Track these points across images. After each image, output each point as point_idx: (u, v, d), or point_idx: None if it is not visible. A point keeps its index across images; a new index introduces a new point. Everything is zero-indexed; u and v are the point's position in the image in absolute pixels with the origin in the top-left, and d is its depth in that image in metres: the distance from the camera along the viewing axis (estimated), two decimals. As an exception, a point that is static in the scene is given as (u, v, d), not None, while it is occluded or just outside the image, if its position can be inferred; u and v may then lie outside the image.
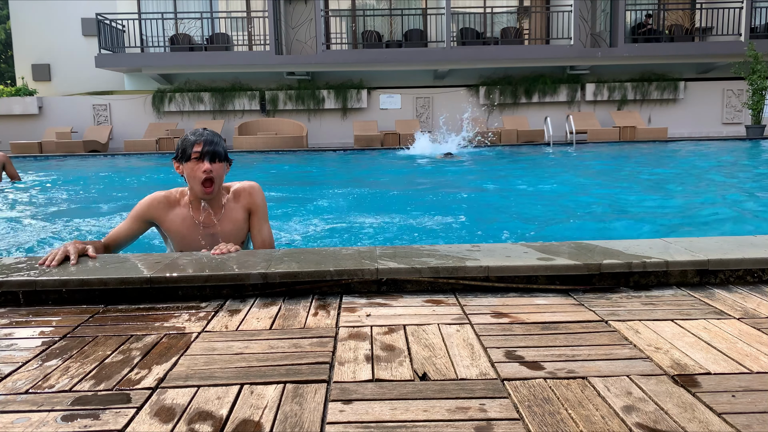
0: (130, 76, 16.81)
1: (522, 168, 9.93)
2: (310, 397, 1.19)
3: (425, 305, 1.78)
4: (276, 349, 1.45)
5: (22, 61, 17.68)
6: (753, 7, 16.00)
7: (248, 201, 2.51)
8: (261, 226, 2.52)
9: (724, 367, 1.31)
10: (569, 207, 5.74)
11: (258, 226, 2.52)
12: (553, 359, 1.36)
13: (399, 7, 16.97)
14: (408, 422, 1.09)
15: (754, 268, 1.96)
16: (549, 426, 1.06)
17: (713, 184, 7.21)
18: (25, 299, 1.87)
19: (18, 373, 1.34)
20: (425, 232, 4.39)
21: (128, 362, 1.39)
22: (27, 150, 14.12)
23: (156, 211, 2.46)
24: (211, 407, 1.16)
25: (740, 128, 15.92)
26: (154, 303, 1.84)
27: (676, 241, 2.18)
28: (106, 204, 6.30)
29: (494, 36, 16.71)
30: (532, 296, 1.85)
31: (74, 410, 1.16)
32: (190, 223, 2.45)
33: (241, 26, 16.39)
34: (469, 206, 5.84)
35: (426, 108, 16.31)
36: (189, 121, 16.04)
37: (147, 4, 16.29)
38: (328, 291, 1.92)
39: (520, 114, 16.25)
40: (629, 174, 8.51)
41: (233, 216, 2.48)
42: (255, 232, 2.53)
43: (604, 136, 14.58)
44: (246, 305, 1.80)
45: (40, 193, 7.14)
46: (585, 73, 16.61)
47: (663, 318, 1.63)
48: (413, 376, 1.28)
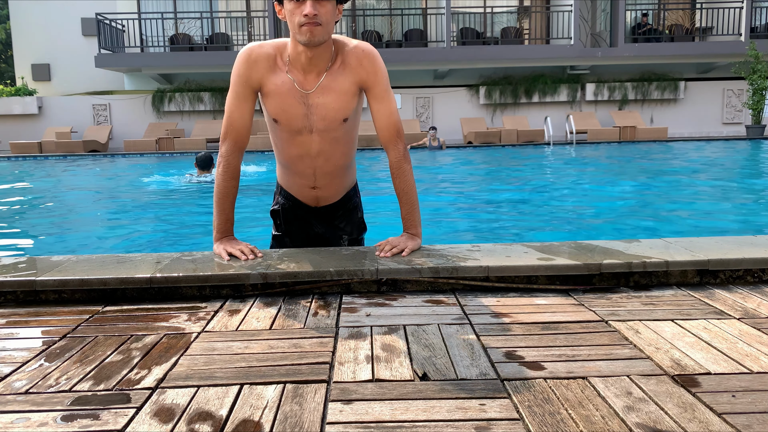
0: (130, 76, 16.82)
1: (522, 168, 9.93)
2: (310, 397, 1.19)
3: (425, 305, 1.78)
4: (276, 349, 1.45)
5: (22, 61, 17.68)
6: (753, 7, 16.00)
7: (360, 72, 2.01)
8: (382, 105, 2.05)
9: (724, 367, 1.31)
10: (569, 207, 5.74)
11: (377, 105, 2.05)
12: (553, 359, 1.36)
13: (399, 6, 16.97)
14: (408, 422, 1.09)
15: (754, 268, 1.95)
16: (549, 426, 1.06)
17: (713, 183, 7.21)
18: (25, 299, 1.87)
19: (18, 373, 1.34)
20: (426, 231, 4.39)
21: (128, 362, 1.39)
22: (27, 150, 14.13)
23: (257, 73, 2.00)
24: (211, 407, 1.16)
25: (740, 128, 15.93)
26: (154, 303, 1.84)
27: (676, 241, 2.18)
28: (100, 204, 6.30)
29: (494, 36, 16.72)
30: (532, 296, 1.85)
31: (74, 410, 1.16)
32: (290, 87, 2.01)
33: (241, 26, 16.40)
34: (468, 206, 5.84)
35: (426, 108, 16.31)
36: (189, 121, 16.05)
37: (147, 4, 16.29)
38: (328, 291, 1.92)
39: (520, 114, 16.26)
40: (629, 174, 8.51)
41: (338, 86, 2.01)
42: (376, 112, 2.06)
43: (604, 136, 14.58)
44: (246, 305, 1.80)
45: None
46: (585, 73, 16.61)
47: (663, 318, 1.63)
48: (413, 376, 1.28)
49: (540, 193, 6.82)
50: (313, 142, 2.10)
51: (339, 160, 2.19)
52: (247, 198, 6.39)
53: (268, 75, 2.01)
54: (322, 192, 2.24)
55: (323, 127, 2.07)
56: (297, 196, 2.30)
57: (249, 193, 6.56)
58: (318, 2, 1.84)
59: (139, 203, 6.66)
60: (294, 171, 2.21)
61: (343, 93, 2.02)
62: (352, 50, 2.01)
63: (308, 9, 1.82)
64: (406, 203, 2.14)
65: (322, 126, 2.06)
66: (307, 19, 1.83)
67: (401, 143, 2.11)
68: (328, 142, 2.11)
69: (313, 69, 1.99)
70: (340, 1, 1.93)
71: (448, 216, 5.19)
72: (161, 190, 7.46)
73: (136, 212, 6.01)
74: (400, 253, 2.06)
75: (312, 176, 2.18)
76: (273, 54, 2.01)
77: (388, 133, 2.08)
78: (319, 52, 1.95)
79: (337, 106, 2.03)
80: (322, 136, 2.09)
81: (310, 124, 2.06)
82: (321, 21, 1.85)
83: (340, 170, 2.23)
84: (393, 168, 2.12)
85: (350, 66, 2.01)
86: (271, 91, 2.03)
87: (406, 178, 2.12)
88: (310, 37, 1.86)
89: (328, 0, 1.86)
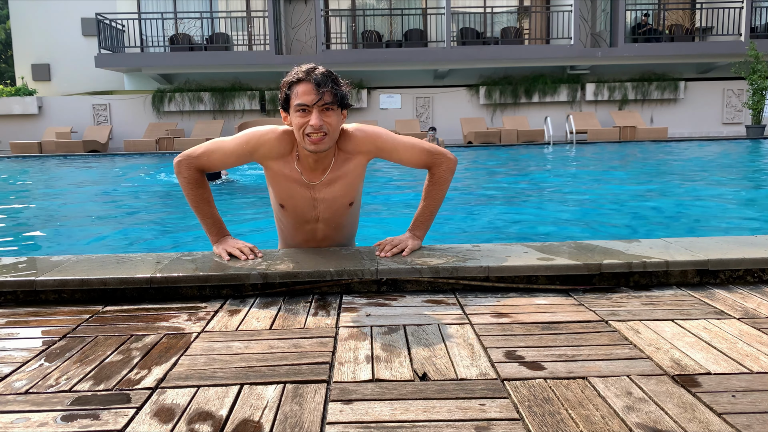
0: (129, 76, 16.81)
1: (522, 168, 9.93)
2: (310, 397, 1.19)
3: (425, 305, 1.78)
4: (276, 349, 1.45)
5: (22, 61, 17.68)
6: (753, 7, 16.00)
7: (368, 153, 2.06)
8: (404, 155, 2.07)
9: (724, 367, 1.31)
10: (569, 207, 5.74)
11: (402, 159, 2.08)
12: (553, 359, 1.36)
13: (399, 6, 16.96)
14: (408, 422, 1.09)
15: (754, 268, 1.95)
16: (549, 426, 1.06)
17: (713, 183, 7.21)
18: (25, 299, 1.87)
19: (18, 373, 1.34)
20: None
21: (128, 362, 1.39)
22: (27, 150, 14.13)
23: (267, 154, 2.03)
24: (211, 407, 1.16)
25: (740, 128, 15.92)
26: (154, 303, 1.84)
27: (676, 241, 2.18)
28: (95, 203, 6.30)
29: (494, 36, 16.71)
30: (532, 296, 1.85)
31: (74, 410, 1.16)
32: (297, 177, 2.04)
33: (241, 26, 16.39)
34: (469, 206, 5.84)
35: (426, 108, 16.31)
36: (189, 121, 16.05)
37: (147, 4, 16.29)
38: (328, 291, 1.92)
39: (520, 114, 16.26)
40: (629, 174, 8.51)
41: (344, 173, 2.05)
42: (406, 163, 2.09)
43: (604, 136, 14.58)
44: (246, 305, 1.80)
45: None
46: (585, 73, 16.61)
47: (663, 318, 1.63)
48: (413, 376, 1.28)
49: (540, 193, 6.83)
50: (318, 230, 2.19)
51: (342, 240, 2.29)
52: (247, 199, 6.39)
53: (276, 160, 2.04)
54: None
55: (329, 215, 2.14)
56: None
57: (249, 195, 6.57)
58: (324, 113, 1.87)
59: (139, 203, 6.66)
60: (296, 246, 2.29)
61: (349, 180, 2.08)
62: (351, 139, 2.04)
63: (314, 121, 1.86)
64: (427, 207, 2.16)
65: (328, 215, 2.14)
66: (314, 129, 1.87)
67: (442, 157, 2.10)
68: (333, 227, 2.20)
69: (319, 167, 2.04)
70: (344, 107, 1.95)
71: (448, 216, 5.19)
72: (161, 190, 7.46)
73: (136, 212, 6.01)
74: (400, 252, 2.06)
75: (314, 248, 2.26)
76: (286, 145, 2.03)
77: (424, 163, 2.10)
78: (324, 154, 1.99)
79: (343, 193, 2.09)
80: (327, 224, 2.17)
81: (317, 214, 2.13)
82: (327, 131, 1.88)
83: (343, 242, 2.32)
84: (435, 177, 2.12)
85: (353, 152, 2.05)
86: (277, 174, 2.07)
87: (442, 187, 2.14)
88: (316, 148, 1.91)
89: (333, 110, 1.89)
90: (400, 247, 2.08)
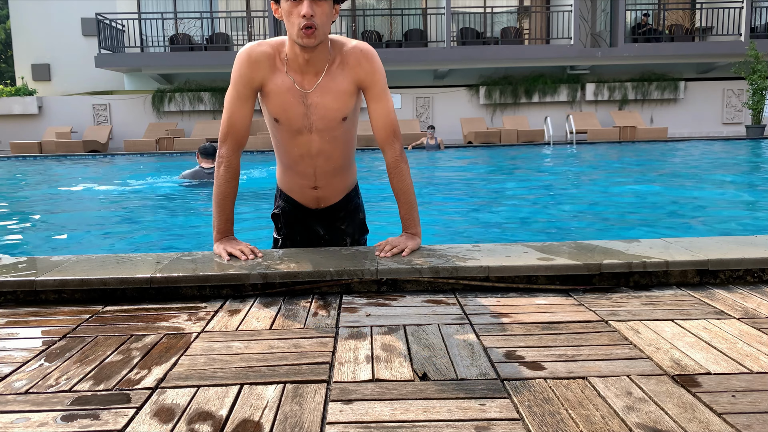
0: (129, 76, 16.82)
1: (522, 168, 9.93)
2: (310, 397, 1.19)
3: (425, 305, 1.78)
4: (276, 349, 1.45)
5: (21, 61, 17.69)
6: (753, 7, 16.01)
7: (358, 72, 2.01)
8: (379, 105, 2.05)
9: (724, 367, 1.31)
10: (569, 207, 5.74)
11: (375, 105, 2.06)
12: (553, 359, 1.36)
13: (399, 6, 16.97)
14: (408, 422, 1.09)
15: (754, 268, 1.95)
16: (549, 426, 1.06)
17: (713, 183, 7.22)
18: (25, 299, 1.87)
19: (18, 373, 1.34)
20: (425, 231, 4.39)
21: (128, 362, 1.39)
22: (27, 150, 14.13)
23: (259, 73, 2.00)
24: (211, 407, 1.16)
25: (740, 128, 15.93)
26: (154, 303, 1.84)
27: (676, 241, 2.18)
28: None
29: (494, 36, 16.72)
30: (532, 296, 1.85)
31: (74, 410, 1.16)
32: (289, 86, 2.00)
33: (241, 26, 16.40)
34: (468, 206, 5.84)
35: (426, 108, 16.32)
36: (189, 121, 16.05)
37: (147, 4, 16.30)
38: (328, 291, 1.92)
39: (520, 114, 16.27)
40: (629, 174, 8.51)
41: (336, 85, 2.01)
42: (373, 111, 2.06)
43: (604, 136, 14.59)
44: (246, 305, 1.80)
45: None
46: (585, 73, 16.62)
47: (663, 318, 1.63)
48: (413, 376, 1.28)
49: (540, 193, 6.83)
50: (312, 142, 2.10)
51: (339, 160, 2.20)
52: (246, 201, 6.39)
53: (269, 75, 2.02)
54: (323, 192, 2.24)
55: (323, 126, 2.07)
56: (298, 199, 2.30)
57: (248, 197, 6.57)
58: (315, 2, 1.84)
59: (139, 203, 6.66)
60: (295, 171, 2.21)
61: (341, 92, 2.03)
62: (350, 50, 2.02)
63: (305, 9, 1.82)
64: (404, 203, 2.15)
65: (321, 125, 2.07)
66: (305, 20, 1.83)
67: (398, 143, 2.11)
68: (327, 141, 2.11)
69: (311, 69, 2.00)
70: (337, 1, 1.93)
71: (448, 216, 5.19)
72: (161, 190, 7.46)
73: (136, 212, 6.01)
74: (400, 253, 2.06)
75: (312, 176, 2.18)
76: (272, 53, 2.01)
77: (385, 132, 2.09)
78: (316, 53, 1.96)
79: (336, 106, 2.04)
80: (322, 136, 2.09)
81: (310, 124, 2.07)
82: (317, 23, 1.85)
83: (340, 170, 2.23)
84: (390, 168, 2.13)
85: (349, 66, 2.01)
86: (271, 90, 2.03)
87: (403, 177, 2.12)
88: (307, 41, 1.87)
89: (325, 0, 1.86)
90: (400, 247, 2.08)
